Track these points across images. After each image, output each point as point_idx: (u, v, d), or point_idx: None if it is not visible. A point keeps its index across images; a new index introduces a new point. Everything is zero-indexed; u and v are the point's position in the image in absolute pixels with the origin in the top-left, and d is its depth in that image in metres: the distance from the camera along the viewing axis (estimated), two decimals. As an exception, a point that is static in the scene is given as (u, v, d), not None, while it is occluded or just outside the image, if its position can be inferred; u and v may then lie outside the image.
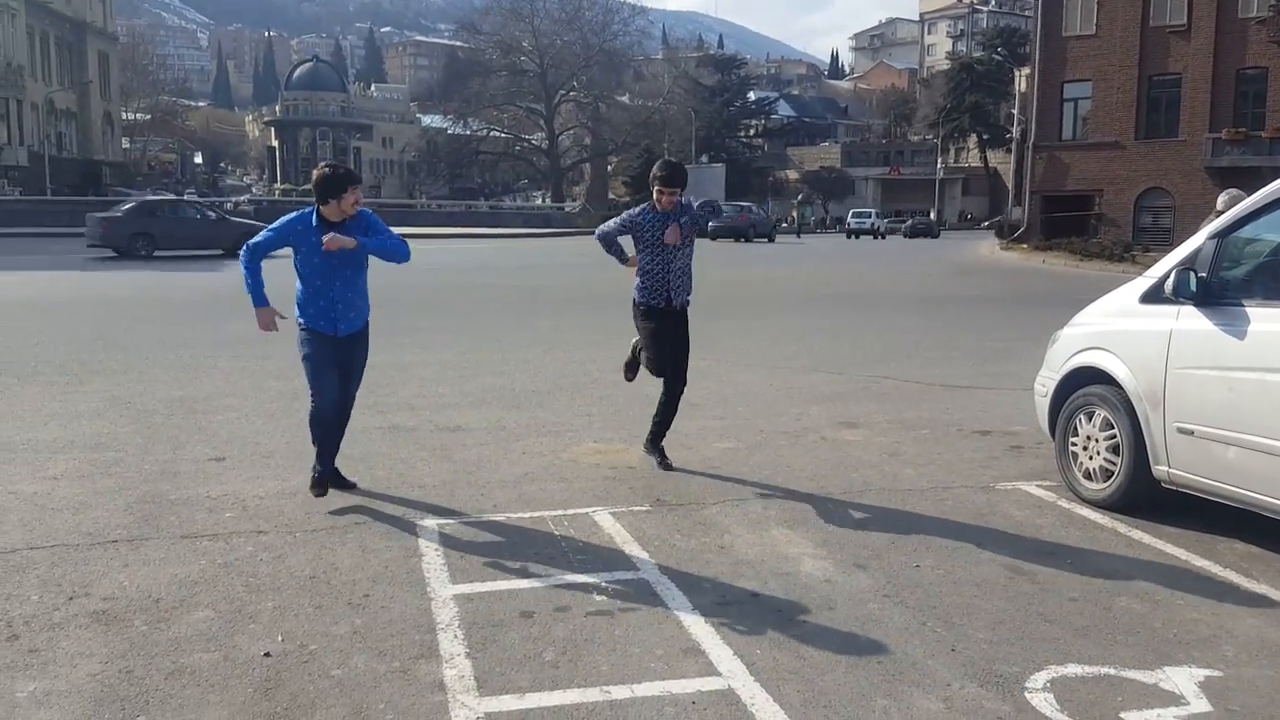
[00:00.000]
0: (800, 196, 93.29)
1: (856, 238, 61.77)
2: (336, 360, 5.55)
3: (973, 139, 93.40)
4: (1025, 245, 39.67)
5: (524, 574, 4.71)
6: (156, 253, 28.29)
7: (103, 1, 76.90)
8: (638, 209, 6.41)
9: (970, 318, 17.00)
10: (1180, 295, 5.24)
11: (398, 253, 5.55)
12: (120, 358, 10.62)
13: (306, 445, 5.85)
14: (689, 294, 6.46)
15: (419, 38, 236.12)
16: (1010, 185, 63.16)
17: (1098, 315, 6.06)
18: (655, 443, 6.59)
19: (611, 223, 6.58)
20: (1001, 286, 25.07)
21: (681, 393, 6.52)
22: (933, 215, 80.00)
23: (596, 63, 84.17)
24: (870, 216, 66.36)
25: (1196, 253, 5.28)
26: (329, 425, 5.64)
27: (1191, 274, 5.19)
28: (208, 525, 5.32)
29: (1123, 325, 5.75)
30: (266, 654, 3.85)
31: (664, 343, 6.34)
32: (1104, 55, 38.88)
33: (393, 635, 4.03)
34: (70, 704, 3.46)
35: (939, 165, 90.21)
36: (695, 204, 6.34)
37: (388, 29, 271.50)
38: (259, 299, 5.52)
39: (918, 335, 14.15)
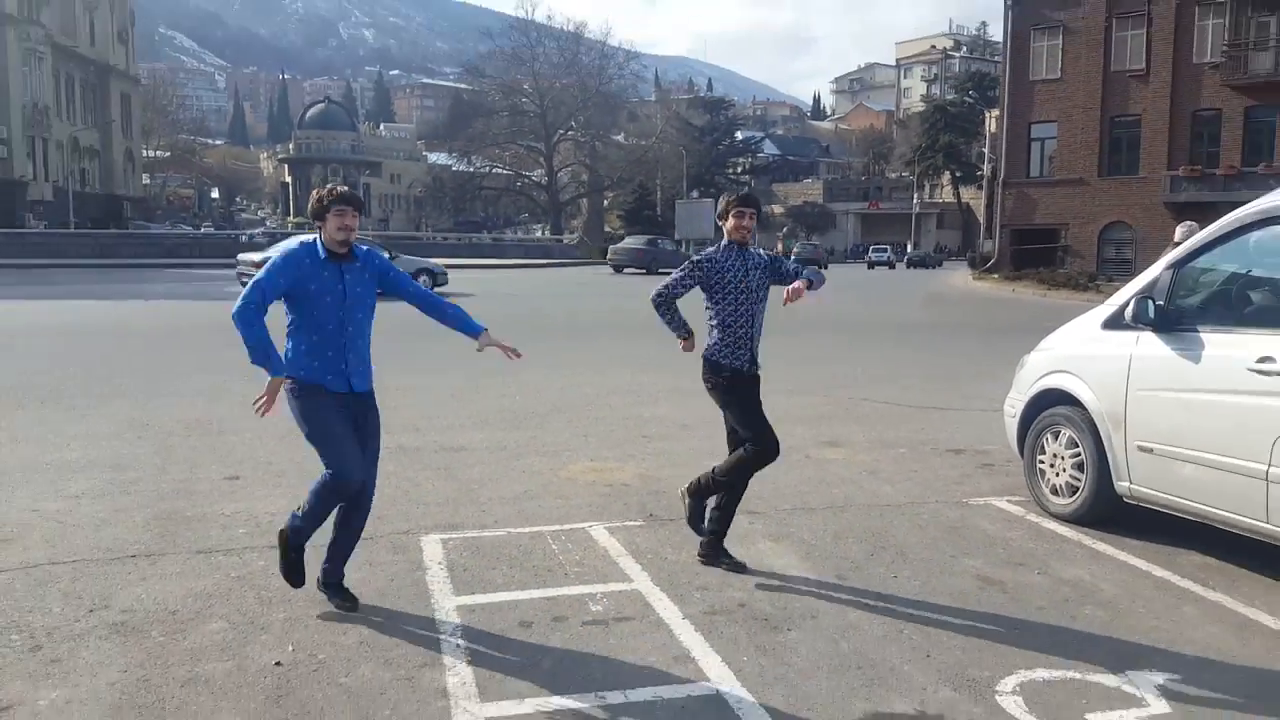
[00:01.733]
0: (785, 229, 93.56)
1: (873, 268, 65.34)
2: (354, 425, 4.33)
3: (946, 176, 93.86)
4: (996, 275, 39.81)
5: (523, 586, 4.70)
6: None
7: (125, 45, 77.13)
8: (712, 249, 5.00)
9: (945, 344, 17.06)
10: (1140, 321, 5.28)
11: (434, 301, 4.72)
12: (139, 381, 10.60)
13: (317, 464, 4.54)
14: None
15: (425, 80, 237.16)
16: (982, 219, 63.61)
17: (1063, 341, 6.10)
18: (719, 539, 5.11)
19: (674, 276, 5.00)
20: (974, 315, 25.16)
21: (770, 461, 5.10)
22: (909, 247, 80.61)
23: (593, 104, 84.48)
24: (887, 251, 72.02)
25: (1155, 282, 5.33)
26: (354, 502, 4.38)
27: (1150, 302, 5.24)
28: (222, 541, 5.30)
29: (1086, 350, 5.78)
30: (278, 663, 3.84)
31: (761, 410, 4.99)
32: (1068, 98, 39.20)
33: (398, 645, 4.02)
34: (89, 711, 3.45)
35: (915, 200, 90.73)
36: (790, 262, 5.15)
37: (396, 72, 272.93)
38: (275, 362, 4.13)
39: (896, 360, 14.20)
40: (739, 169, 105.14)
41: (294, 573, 4.41)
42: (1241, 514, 4.79)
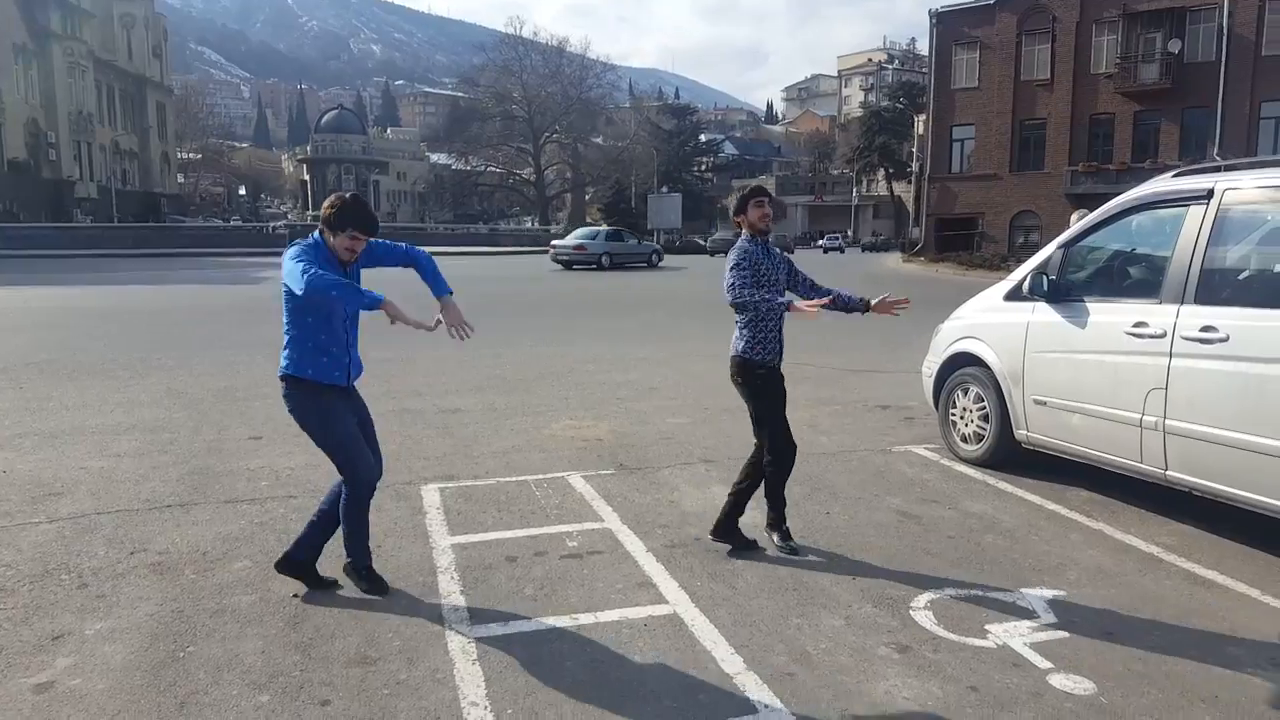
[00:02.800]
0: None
1: (827, 253, 63.91)
2: (357, 418, 3.87)
3: (881, 173, 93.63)
4: (922, 258, 39.93)
5: (509, 526, 4.72)
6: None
7: (160, 59, 75.39)
8: (743, 245, 4.34)
9: (876, 316, 17.09)
10: (1034, 293, 5.34)
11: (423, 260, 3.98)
12: (174, 355, 10.47)
13: None
14: None
15: (427, 89, 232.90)
16: (911, 210, 63.79)
17: (971, 311, 6.15)
18: (781, 523, 4.47)
19: (738, 277, 4.25)
20: (901, 291, 25.11)
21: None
22: (848, 235, 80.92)
23: (575, 110, 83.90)
24: (839, 238, 71.69)
25: (1048, 260, 5.38)
26: (365, 507, 3.87)
27: (1044, 277, 5.30)
28: (247, 492, 5.29)
29: (991, 319, 5.84)
30: (295, 595, 3.84)
31: (784, 414, 4.46)
32: (984, 104, 39.20)
33: (401, 577, 4.04)
34: (131, 638, 3.45)
35: (854, 194, 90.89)
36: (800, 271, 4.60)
37: (401, 82, 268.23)
38: (370, 295, 3.44)
39: (835, 331, 14.21)
40: (703, 167, 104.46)
41: (376, 585, 3.88)
42: (1119, 455, 4.87)
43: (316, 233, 3.70)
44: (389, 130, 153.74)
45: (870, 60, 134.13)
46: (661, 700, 3.07)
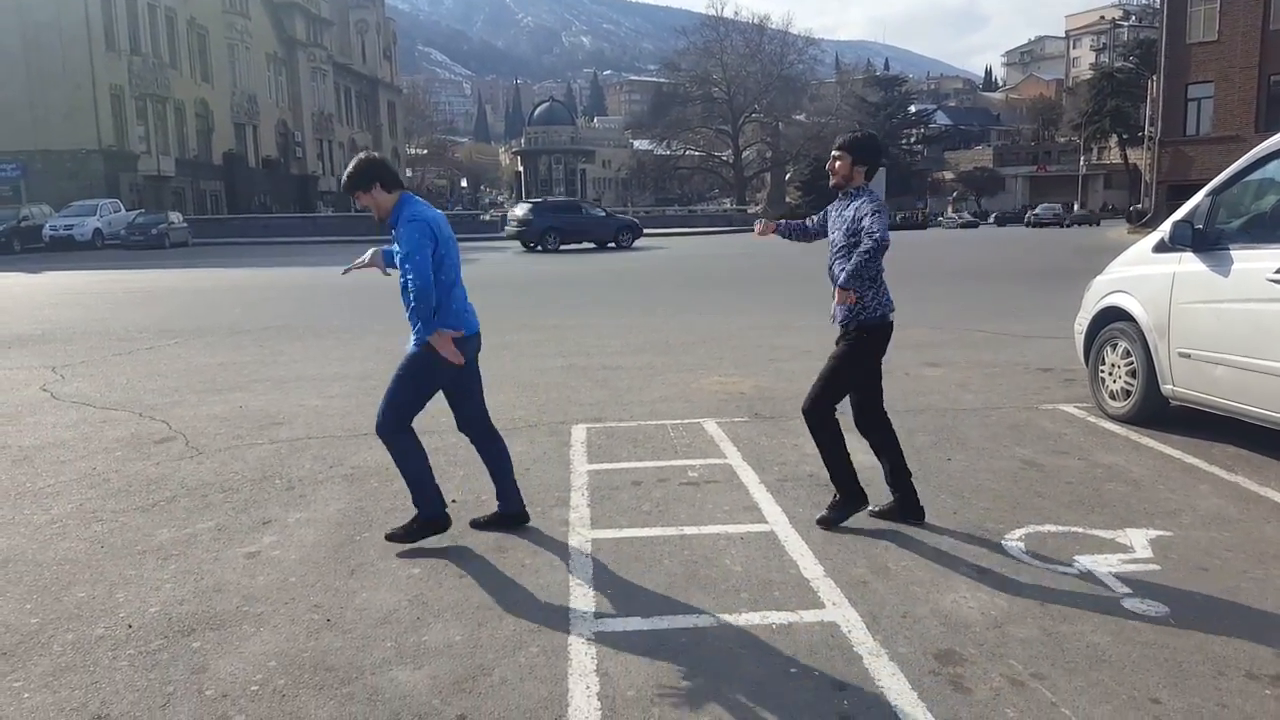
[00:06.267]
0: (955, 194, 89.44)
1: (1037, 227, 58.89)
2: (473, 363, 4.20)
3: (1113, 139, 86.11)
4: (1149, 229, 36.74)
5: (640, 458, 5.25)
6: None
7: (390, 61, 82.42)
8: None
9: (1074, 286, 16.19)
10: (1177, 243, 5.19)
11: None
12: (385, 323, 11.80)
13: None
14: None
15: (632, 77, 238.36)
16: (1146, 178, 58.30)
17: (1122, 264, 6.02)
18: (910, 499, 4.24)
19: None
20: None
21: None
22: (1076, 207, 75.09)
23: (775, 88, 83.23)
24: (1057, 208, 67.02)
25: (1195, 208, 5.21)
26: (486, 441, 4.29)
27: (1189, 225, 5.14)
28: (429, 426, 5.94)
29: (1138, 271, 5.71)
30: (453, 500, 4.54)
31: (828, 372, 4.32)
32: (1225, 58, 35.29)
33: (540, 492, 4.67)
34: (321, 526, 4.29)
35: (1081, 163, 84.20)
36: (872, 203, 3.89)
37: (609, 72, 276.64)
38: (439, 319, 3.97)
39: (1021, 299, 13.70)
40: (912, 139, 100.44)
41: (411, 535, 4.04)
42: (1261, 407, 4.70)
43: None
44: (595, 119, 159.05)
45: (1103, 18, 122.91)
46: (739, 593, 3.48)
